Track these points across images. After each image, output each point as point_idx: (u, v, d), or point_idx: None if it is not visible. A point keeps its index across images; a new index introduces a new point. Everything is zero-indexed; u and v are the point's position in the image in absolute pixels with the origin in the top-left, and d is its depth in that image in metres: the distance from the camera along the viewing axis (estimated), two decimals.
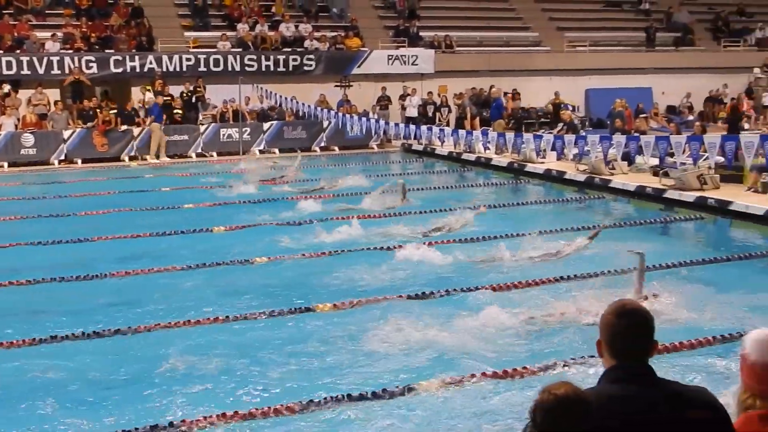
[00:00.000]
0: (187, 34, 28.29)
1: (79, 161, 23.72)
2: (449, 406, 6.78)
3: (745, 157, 13.25)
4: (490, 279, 10.48)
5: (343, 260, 11.59)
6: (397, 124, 24.21)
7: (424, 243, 12.39)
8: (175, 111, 25.22)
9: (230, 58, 27.06)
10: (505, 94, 28.89)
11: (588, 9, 35.78)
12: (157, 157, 24.25)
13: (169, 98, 25.42)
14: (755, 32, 35.64)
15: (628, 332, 3.07)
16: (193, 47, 27.38)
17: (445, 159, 23.94)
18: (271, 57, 27.68)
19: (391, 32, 31.26)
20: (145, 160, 24.08)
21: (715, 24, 36.23)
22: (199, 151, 25.23)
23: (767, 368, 3.15)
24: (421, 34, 31.06)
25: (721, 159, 15.79)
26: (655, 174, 17.72)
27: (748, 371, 3.20)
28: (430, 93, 28.80)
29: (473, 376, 7.26)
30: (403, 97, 28.43)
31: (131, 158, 24.22)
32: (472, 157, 22.77)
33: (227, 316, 9.08)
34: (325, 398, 6.81)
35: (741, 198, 15.14)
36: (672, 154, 15.96)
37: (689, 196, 15.79)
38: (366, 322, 8.78)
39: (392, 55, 29.42)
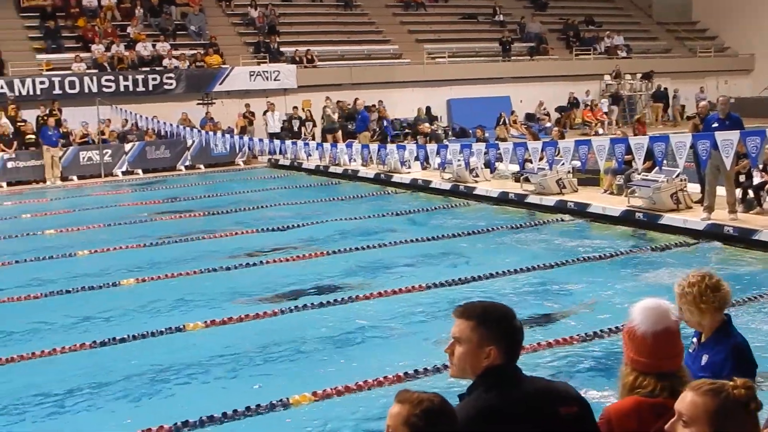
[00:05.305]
0: (39, 56, 27.28)
1: None
2: None
3: (598, 161, 13.79)
4: None
5: None
6: (261, 140, 24.05)
7: None
8: (27, 137, 24.29)
9: (86, 79, 26.26)
10: (370, 106, 29.13)
11: (445, 21, 36.56)
12: None
13: (22, 123, 24.49)
14: (604, 41, 37.22)
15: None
16: (47, 70, 26.44)
17: (312, 173, 23.94)
18: (130, 77, 27.04)
19: (251, 48, 31.05)
20: None
21: (566, 33, 37.65)
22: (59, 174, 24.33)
23: (659, 337, 2.99)
24: (282, 49, 31.00)
25: (578, 163, 16.41)
26: (517, 180, 18.30)
27: (638, 345, 3.02)
28: (294, 108, 28.76)
29: None
30: (266, 113, 28.30)
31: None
32: (339, 169, 22.87)
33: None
34: None
35: (598, 200, 15.80)
36: (530, 160, 16.50)
37: (549, 200, 16.35)
38: None
39: (254, 71, 29.24)
